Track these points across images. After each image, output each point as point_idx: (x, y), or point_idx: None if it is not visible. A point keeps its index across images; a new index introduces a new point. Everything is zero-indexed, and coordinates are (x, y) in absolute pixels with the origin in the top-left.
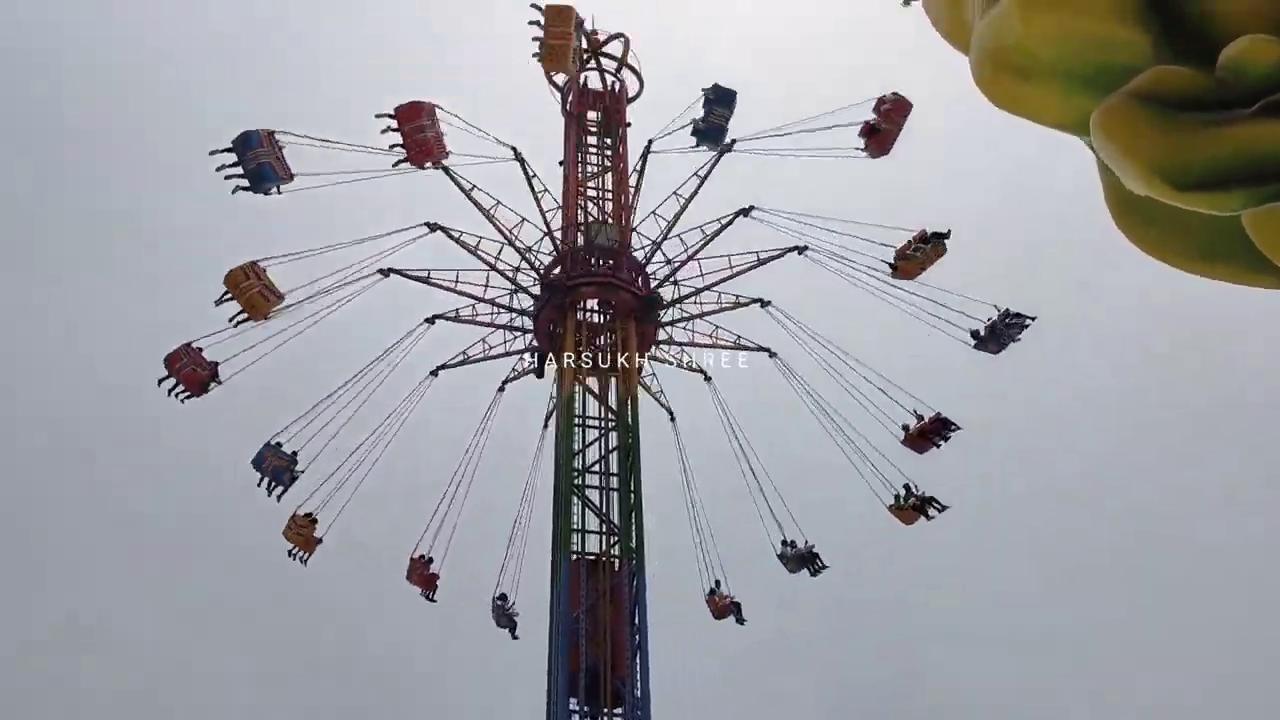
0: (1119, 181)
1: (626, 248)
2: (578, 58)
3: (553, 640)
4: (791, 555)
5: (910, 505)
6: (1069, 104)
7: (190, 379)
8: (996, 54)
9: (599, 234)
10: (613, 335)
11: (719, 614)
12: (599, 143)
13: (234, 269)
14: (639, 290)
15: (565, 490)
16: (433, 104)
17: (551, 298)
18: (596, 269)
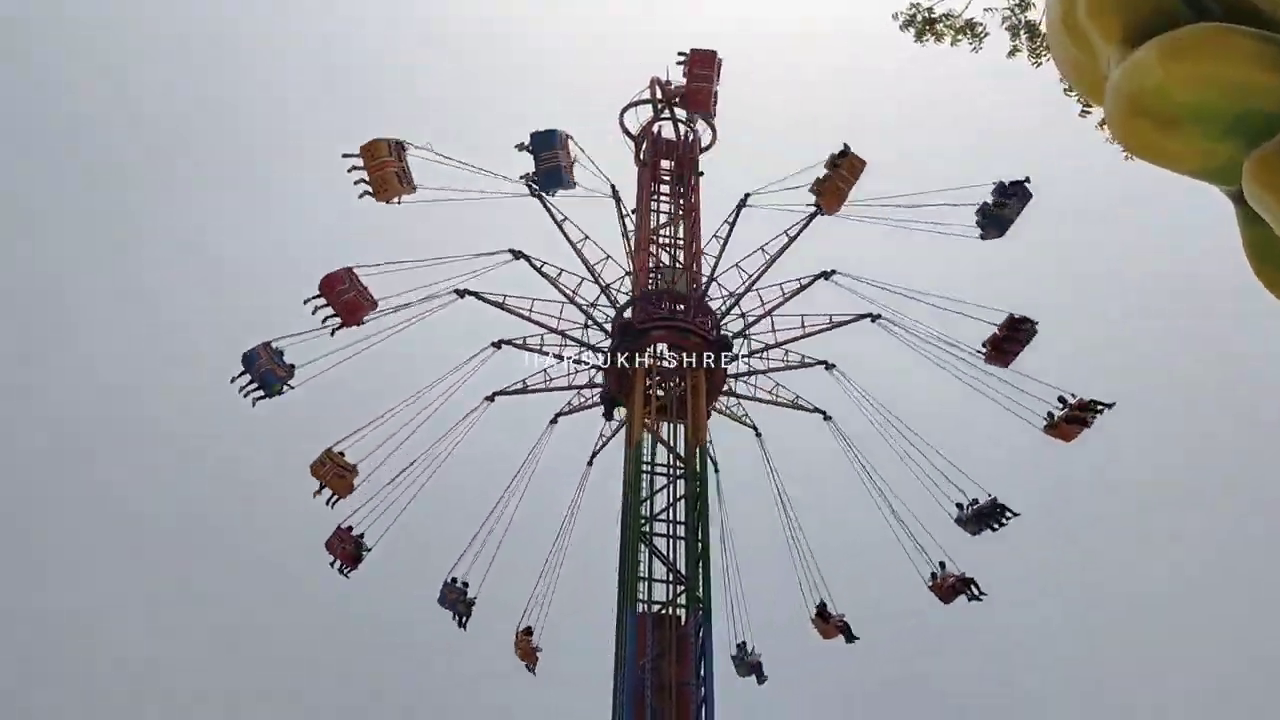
0: (1262, 234)
1: (698, 293)
2: (405, 179)
3: (617, 694)
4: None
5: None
6: (1208, 151)
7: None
8: (1135, 100)
9: (675, 279)
10: (681, 381)
11: (828, 634)
12: (672, 191)
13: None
14: (710, 336)
15: (633, 538)
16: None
17: (624, 340)
18: (669, 314)
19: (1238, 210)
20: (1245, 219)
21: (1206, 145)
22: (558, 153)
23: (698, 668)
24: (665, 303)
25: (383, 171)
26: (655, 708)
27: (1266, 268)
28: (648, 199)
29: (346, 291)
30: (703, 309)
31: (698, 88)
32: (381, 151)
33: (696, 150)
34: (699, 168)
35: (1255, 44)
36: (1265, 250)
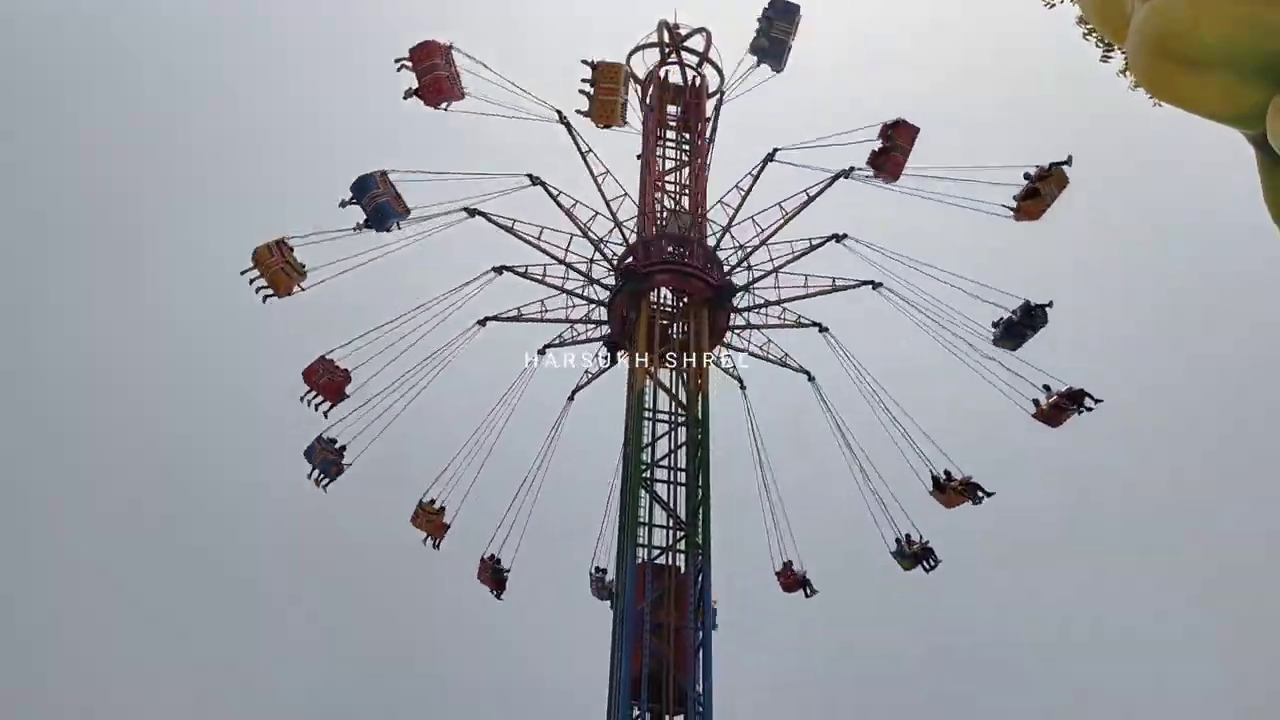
0: None
1: (702, 238)
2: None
3: (616, 635)
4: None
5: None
6: (1235, 94)
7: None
8: (1160, 41)
9: (676, 223)
10: (684, 326)
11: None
12: (678, 137)
13: (260, 246)
14: (714, 280)
15: (634, 483)
16: (448, 44)
17: (627, 283)
18: (671, 257)
19: (1258, 156)
20: (1266, 166)
21: (1233, 88)
22: (375, 194)
23: (696, 611)
24: (670, 245)
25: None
26: (654, 649)
27: None
28: (654, 144)
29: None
30: (707, 253)
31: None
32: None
33: (704, 96)
34: (706, 114)
35: None
36: None
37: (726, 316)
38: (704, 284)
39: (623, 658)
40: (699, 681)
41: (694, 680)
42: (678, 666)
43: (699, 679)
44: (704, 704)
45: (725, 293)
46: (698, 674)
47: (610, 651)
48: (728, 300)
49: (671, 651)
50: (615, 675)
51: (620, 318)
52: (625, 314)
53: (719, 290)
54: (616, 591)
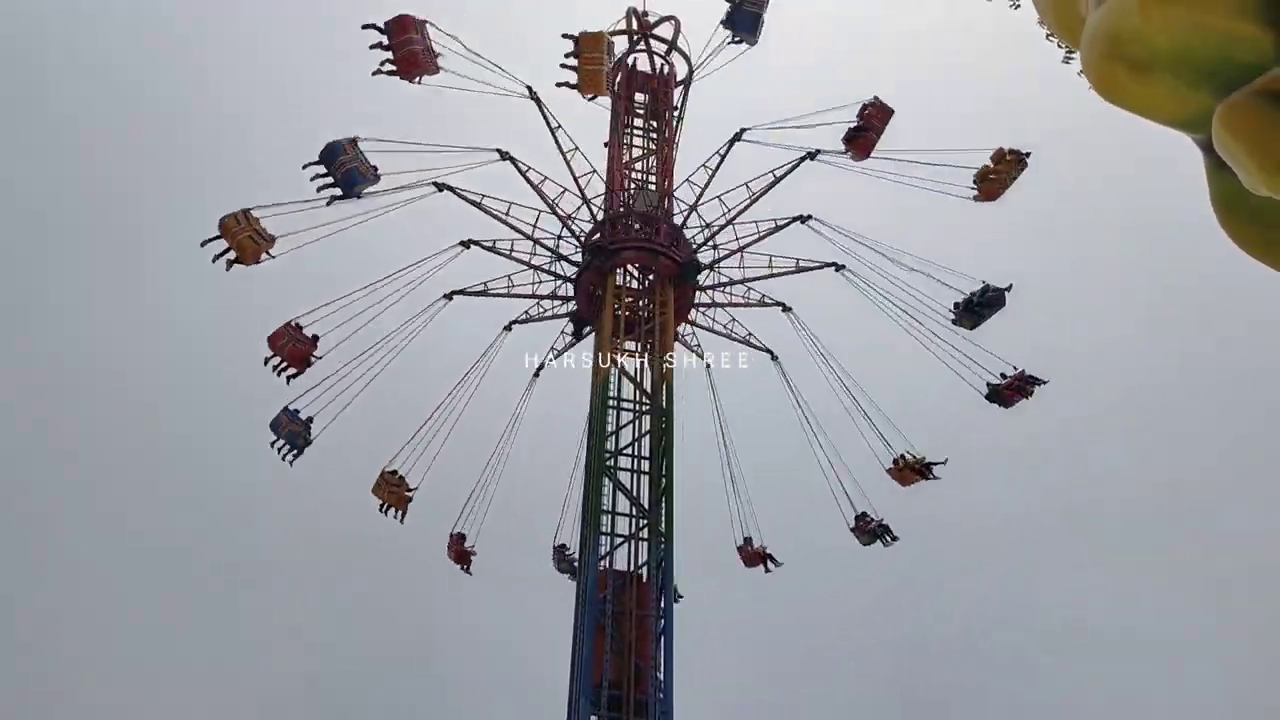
0: (1229, 184)
1: (669, 216)
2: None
3: (578, 624)
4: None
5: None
6: (1183, 99)
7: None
8: (1110, 45)
9: (640, 199)
10: (649, 303)
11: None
12: (645, 125)
13: (226, 216)
14: (679, 257)
15: (596, 471)
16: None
17: (593, 260)
18: (638, 234)
19: (1206, 160)
20: (1213, 169)
21: (1181, 92)
22: (344, 159)
23: (658, 600)
24: (637, 224)
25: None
26: (615, 638)
27: (1232, 218)
28: (621, 130)
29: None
30: (673, 231)
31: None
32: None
33: (671, 85)
34: (674, 102)
35: None
36: (1231, 201)
37: (691, 295)
38: (670, 261)
39: (585, 644)
40: (660, 670)
41: (655, 669)
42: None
43: (660, 667)
44: (664, 692)
45: (690, 270)
46: (659, 662)
47: (571, 651)
48: (693, 278)
49: (634, 638)
50: (575, 682)
51: (587, 294)
52: (592, 290)
53: (684, 267)
54: (578, 593)
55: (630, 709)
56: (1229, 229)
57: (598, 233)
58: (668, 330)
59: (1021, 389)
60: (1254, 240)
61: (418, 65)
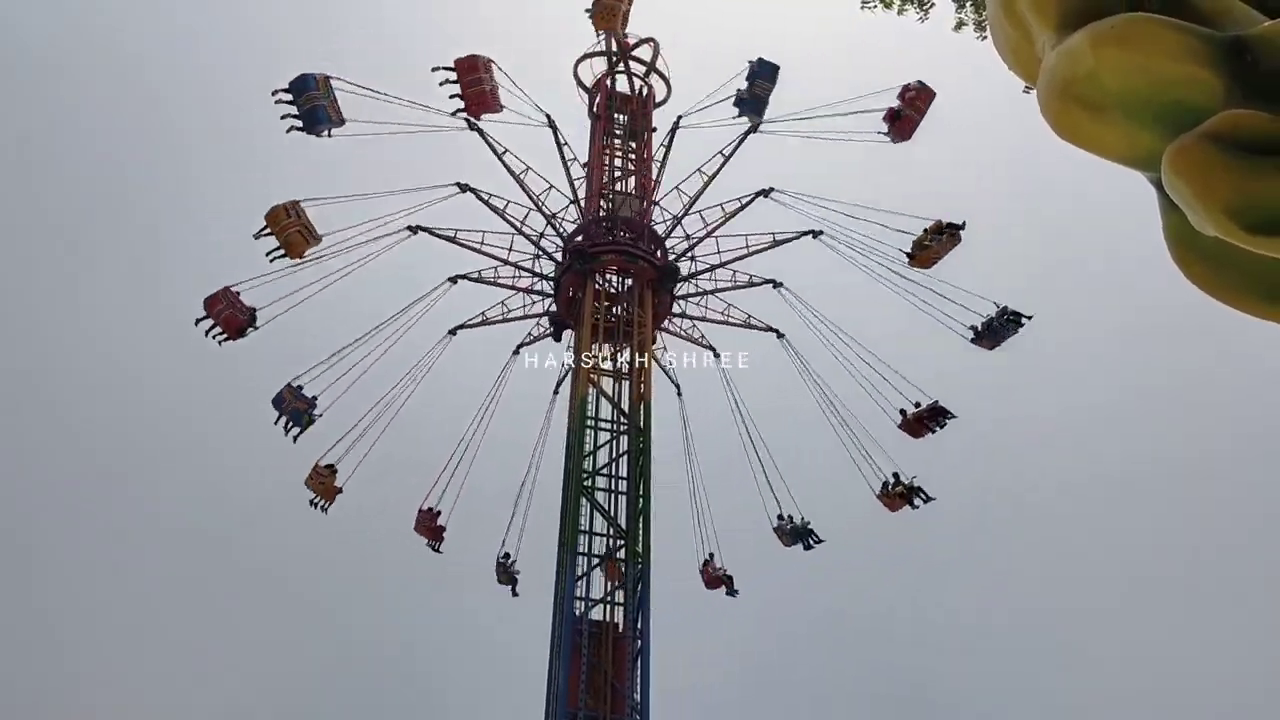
0: (1180, 221)
1: (648, 222)
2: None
3: (554, 644)
4: (788, 529)
5: (897, 493)
6: (1135, 139)
7: (230, 322)
8: (1065, 86)
9: (622, 205)
10: (629, 306)
11: (711, 584)
12: (624, 145)
13: (276, 206)
14: (658, 261)
15: (574, 491)
16: (489, 59)
17: (574, 263)
18: (618, 239)
19: (1159, 197)
20: (1165, 207)
21: (1131, 133)
22: (313, 94)
23: (636, 619)
24: (616, 228)
25: (288, 234)
26: (591, 659)
27: (1184, 255)
28: (600, 151)
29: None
30: (651, 236)
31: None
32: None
33: (650, 106)
34: (653, 123)
35: (1183, 37)
36: (1182, 238)
37: (670, 300)
38: (649, 265)
39: (562, 664)
40: (637, 690)
41: (631, 689)
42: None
43: (637, 688)
44: (641, 713)
45: (669, 274)
46: (635, 682)
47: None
48: (671, 283)
49: (610, 657)
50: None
51: (566, 297)
52: (571, 294)
53: (663, 271)
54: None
55: None
56: (1180, 265)
57: (579, 235)
58: (646, 333)
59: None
60: (1204, 277)
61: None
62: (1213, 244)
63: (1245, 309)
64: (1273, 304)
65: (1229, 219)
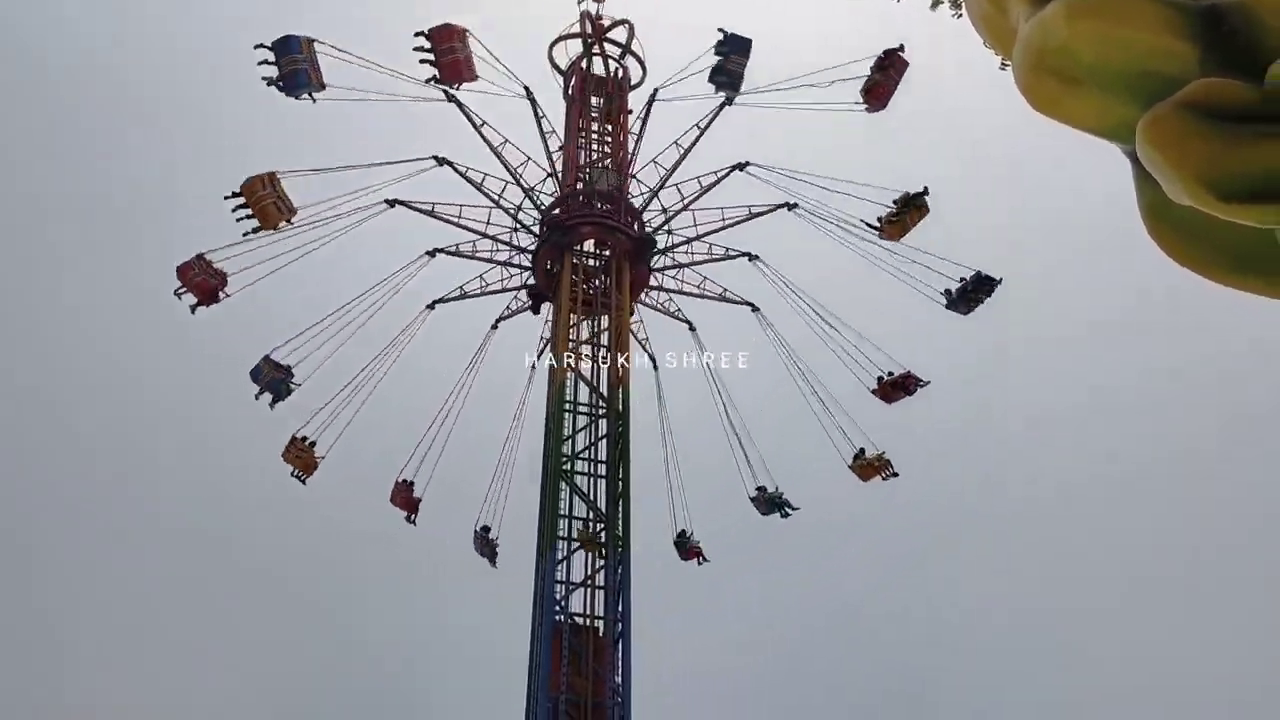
0: (1154, 191)
1: (624, 194)
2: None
3: (535, 632)
4: (764, 499)
5: (867, 464)
6: (1110, 110)
7: (202, 287)
8: (1040, 57)
9: (599, 178)
10: (607, 278)
11: (686, 557)
12: (600, 128)
13: (252, 177)
14: (635, 233)
15: (553, 475)
16: (464, 28)
17: (551, 235)
18: (595, 211)
19: (1134, 169)
20: (1140, 179)
21: (1105, 104)
22: (296, 57)
23: (615, 605)
24: (591, 200)
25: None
26: (572, 645)
27: (1158, 227)
28: (575, 134)
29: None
30: (629, 209)
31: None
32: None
33: (626, 88)
34: (629, 106)
35: (1157, 7)
36: (1157, 210)
37: (647, 269)
38: (626, 237)
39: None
40: (619, 674)
41: (613, 673)
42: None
43: (618, 671)
44: (623, 696)
45: (646, 245)
46: (617, 666)
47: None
48: (648, 254)
49: (590, 644)
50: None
51: (543, 270)
52: (548, 267)
53: (640, 243)
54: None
55: (588, 714)
56: (1155, 237)
57: (556, 208)
58: (624, 305)
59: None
60: (1179, 248)
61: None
62: (1187, 215)
63: (1220, 280)
64: (1246, 274)
65: (1203, 188)
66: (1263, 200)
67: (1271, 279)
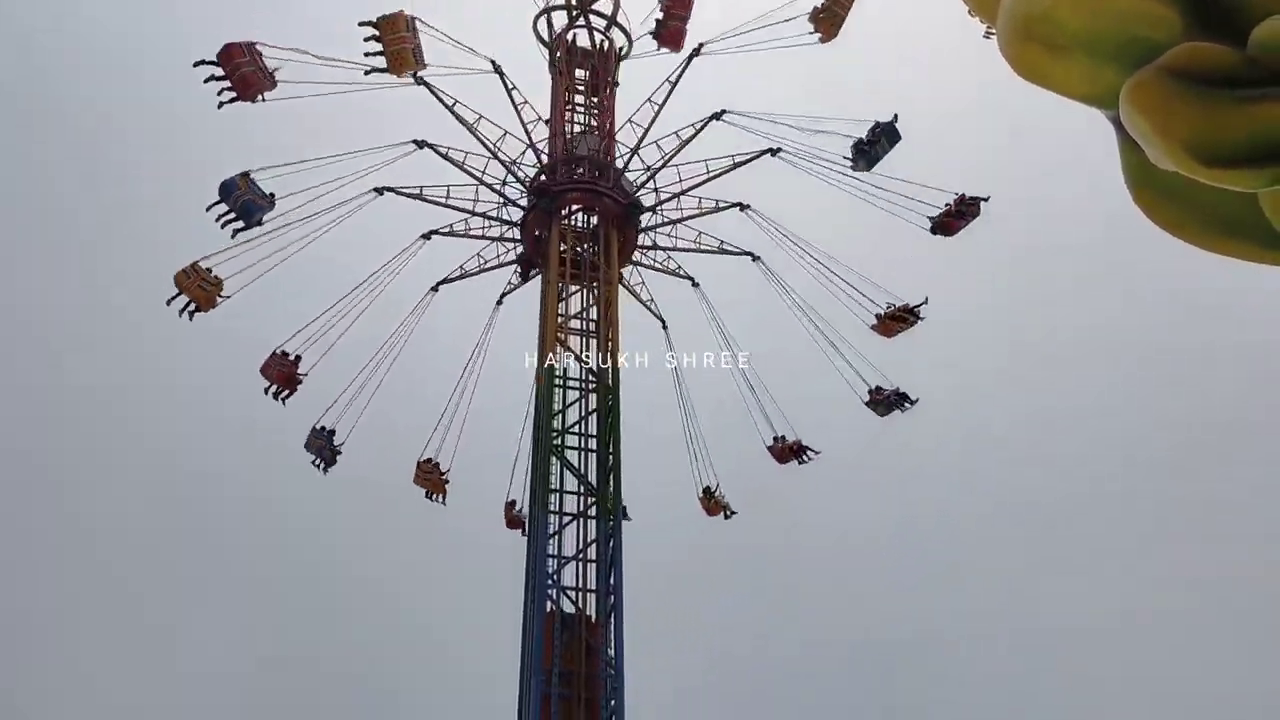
0: (1138, 157)
1: (610, 159)
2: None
3: (527, 610)
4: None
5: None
6: (1094, 77)
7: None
8: (1024, 24)
9: (581, 144)
10: (596, 244)
11: (712, 513)
12: (585, 101)
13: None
14: (622, 197)
15: (544, 450)
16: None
17: (537, 203)
18: (580, 177)
19: (1118, 135)
20: (1124, 144)
21: (1091, 70)
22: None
23: (608, 576)
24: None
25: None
26: (565, 616)
27: (1142, 193)
28: (562, 108)
29: (245, 65)
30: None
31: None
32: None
33: (613, 60)
34: (616, 78)
35: None
36: (1141, 174)
37: (635, 236)
38: (613, 201)
39: (535, 641)
40: (611, 647)
41: (607, 645)
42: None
43: (611, 644)
44: (616, 668)
45: (634, 210)
46: (609, 639)
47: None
48: (636, 218)
49: (581, 618)
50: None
51: (532, 238)
52: (536, 234)
53: (627, 208)
54: (527, 572)
55: (581, 686)
56: (1140, 203)
57: (541, 175)
58: (613, 278)
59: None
60: (1162, 213)
61: (254, 87)
62: (1171, 180)
63: (1204, 245)
64: (1231, 239)
65: (1186, 152)
66: (1246, 164)
67: (1254, 244)
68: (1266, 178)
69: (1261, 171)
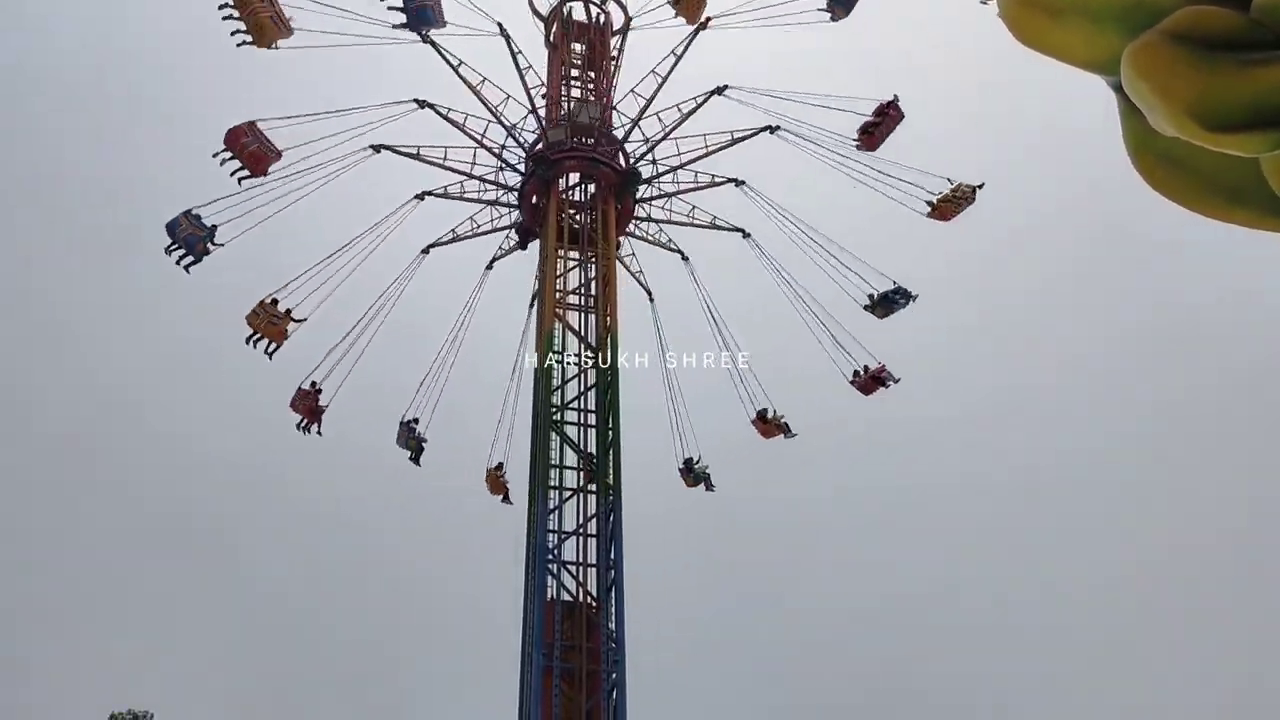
0: (1139, 123)
1: (608, 128)
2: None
3: (528, 582)
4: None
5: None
6: (1096, 42)
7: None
8: None
9: (581, 112)
10: (593, 213)
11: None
12: (582, 75)
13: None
14: (619, 167)
15: (544, 424)
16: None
17: (536, 170)
18: (578, 145)
19: (1119, 102)
20: (1125, 110)
21: (1092, 35)
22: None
23: (608, 551)
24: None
25: (256, 16)
26: (566, 594)
27: (1143, 159)
28: (558, 83)
29: (250, 144)
30: (612, 142)
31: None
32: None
33: (608, 34)
34: (611, 52)
35: None
36: (1142, 142)
37: (632, 205)
38: (610, 170)
39: (536, 615)
40: (612, 621)
41: (608, 619)
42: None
43: (612, 617)
44: (617, 642)
45: (631, 179)
46: (610, 612)
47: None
48: (633, 187)
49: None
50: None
51: (530, 205)
52: (534, 202)
53: (624, 176)
54: (527, 548)
55: (583, 659)
56: (1141, 169)
57: (540, 143)
58: (610, 250)
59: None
60: (1164, 180)
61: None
62: (1173, 146)
63: (1205, 212)
64: (1232, 205)
65: (1189, 117)
66: (1248, 128)
67: (1254, 211)
68: (1269, 142)
69: (1264, 136)
